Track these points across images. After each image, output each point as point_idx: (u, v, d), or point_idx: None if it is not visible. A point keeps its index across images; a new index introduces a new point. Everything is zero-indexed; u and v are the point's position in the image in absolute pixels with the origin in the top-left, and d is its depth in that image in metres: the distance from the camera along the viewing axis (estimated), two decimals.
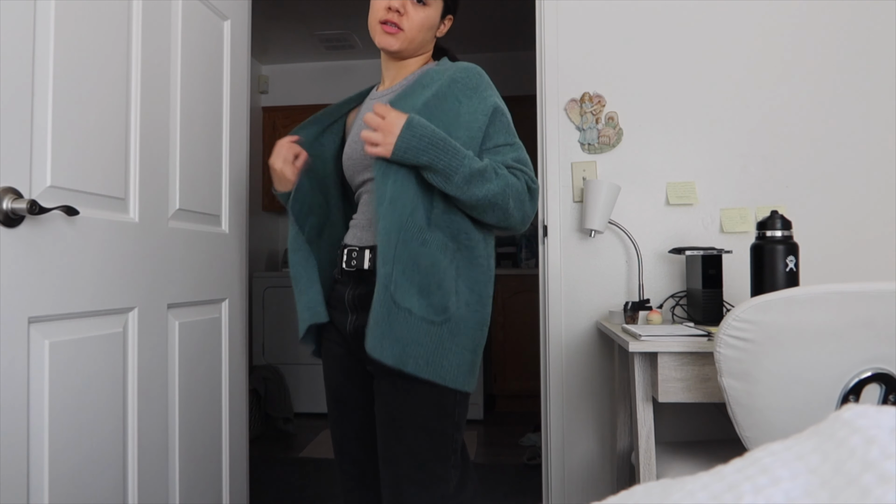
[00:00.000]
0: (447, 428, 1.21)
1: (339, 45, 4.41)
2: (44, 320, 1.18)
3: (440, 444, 1.20)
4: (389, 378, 1.21)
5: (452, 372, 1.17)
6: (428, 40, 1.33)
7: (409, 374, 1.15)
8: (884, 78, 2.01)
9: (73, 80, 1.25)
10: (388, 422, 1.20)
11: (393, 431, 1.20)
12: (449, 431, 1.21)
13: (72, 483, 1.24)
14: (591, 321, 2.08)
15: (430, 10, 1.28)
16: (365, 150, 1.17)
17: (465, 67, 1.26)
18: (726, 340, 1.20)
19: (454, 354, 1.18)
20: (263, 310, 4.04)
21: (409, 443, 1.19)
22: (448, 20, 1.35)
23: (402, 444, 1.18)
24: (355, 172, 1.33)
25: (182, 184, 1.65)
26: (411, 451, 1.18)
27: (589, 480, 2.08)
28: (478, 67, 1.27)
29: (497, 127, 1.24)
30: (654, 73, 2.08)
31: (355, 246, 1.30)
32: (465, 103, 1.22)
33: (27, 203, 1.09)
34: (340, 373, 1.35)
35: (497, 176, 1.17)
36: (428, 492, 1.18)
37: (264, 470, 2.99)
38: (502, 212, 1.18)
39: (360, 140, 1.29)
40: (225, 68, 1.90)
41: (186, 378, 1.67)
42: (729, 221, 2.04)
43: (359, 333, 1.26)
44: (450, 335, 1.17)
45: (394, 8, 1.25)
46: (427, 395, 1.19)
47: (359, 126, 1.35)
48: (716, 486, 0.37)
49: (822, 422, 0.40)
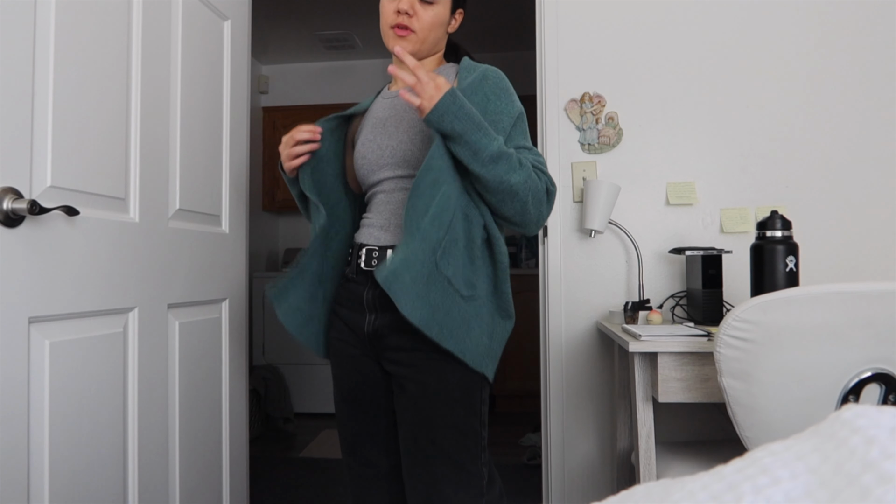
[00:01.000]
0: (475, 425, 1.22)
1: (339, 45, 4.41)
2: (44, 320, 1.18)
3: (472, 443, 1.21)
4: (414, 381, 1.21)
5: (472, 350, 1.18)
6: (440, 37, 1.33)
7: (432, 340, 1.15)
8: (884, 78, 2.01)
9: (74, 81, 1.25)
10: (418, 422, 1.20)
11: (424, 432, 1.20)
12: (477, 428, 1.22)
13: (72, 483, 1.24)
14: (591, 321, 2.08)
15: (438, 8, 1.28)
16: (405, 98, 1.13)
17: (496, 69, 1.28)
18: (726, 340, 1.20)
19: (476, 334, 1.19)
20: (263, 310, 4.04)
21: (441, 443, 1.19)
22: (459, 14, 1.35)
23: (435, 445, 1.19)
24: (370, 172, 1.31)
25: (182, 184, 1.65)
26: (445, 452, 1.19)
27: (589, 480, 2.08)
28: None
29: (518, 130, 1.25)
30: (654, 73, 2.08)
31: (374, 245, 1.28)
32: (493, 101, 1.23)
33: (27, 203, 1.09)
34: (355, 373, 1.32)
35: (521, 166, 1.18)
36: (465, 491, 1.19)
37: (264, 470, 2.99)
38: (521, 204, 1.19)
39: (377, 140, 1.30)
40: (225, 68, 1.90)
41: (187, 378, 1.67)
42: (729, 221, 2.04)
43: (378, 333, 1.26)
44: (474, 314, 1.19)
45: (402, 10, 1.25)
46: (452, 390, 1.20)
47: (373, 123, 1.34)
48: (716, 486, 0.37)
49: (822, 422, 0.40)
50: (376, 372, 1.30)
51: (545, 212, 1.24)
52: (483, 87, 1.23)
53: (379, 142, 1.30)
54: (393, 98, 1.35)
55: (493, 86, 1.24)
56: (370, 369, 1.31)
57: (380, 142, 1.30)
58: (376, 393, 1.31)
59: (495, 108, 1.23)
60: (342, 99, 4.69)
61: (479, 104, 1.21)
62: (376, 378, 1.31)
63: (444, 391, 1.19)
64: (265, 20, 3.95)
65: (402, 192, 1.28)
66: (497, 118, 1.22)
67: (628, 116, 2.09)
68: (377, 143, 1.30)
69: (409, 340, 1.22)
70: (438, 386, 1.19)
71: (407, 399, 1.22)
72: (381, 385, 1.31)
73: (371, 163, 1.30)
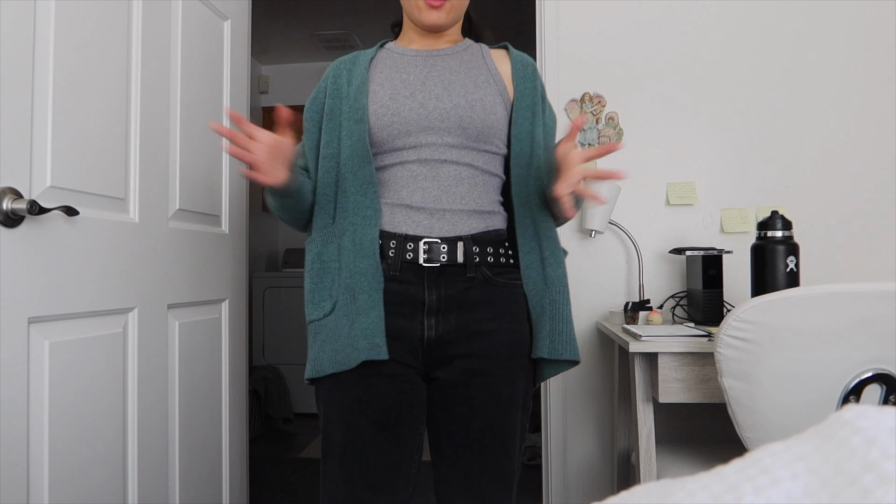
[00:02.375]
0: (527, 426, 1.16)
1: (339, 45, 4.41)
2: (44, 320, 1.18)
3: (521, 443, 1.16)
4: (486, 389, 1.09)
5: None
6: (465, 6, 1.22)
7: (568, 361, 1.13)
8: (884, 78, 2.01)
9: (74, 81, 1.25)
10: (489, 433, 1.09)
11: (498, 442, 1.09)
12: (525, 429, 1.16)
13: (72, 483, 1.24)
14: (592, 321, 2.08)
15: None
16: (591, 198, 0.97)
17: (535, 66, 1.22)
18: (727, 341, 1.20)
19: None
20: (263, 310, 4.04)
21: (513, 452, 1.11)
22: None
23: (508, 455, 1.11)
24: (401, 134, 1.10)
25: (182, 184, 1.65)
26: (512, 458, 1.12)
27: (589, 481, 2.07)
28: None
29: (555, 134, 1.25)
30: (655, 73, 2.08)
31: (435, 238, 1.09)
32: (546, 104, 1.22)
33: (27, 203, 1.09)
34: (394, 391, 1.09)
35: None
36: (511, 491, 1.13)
37: (264, 470, 2.98)
38: None
39: (415, 95, 1.11)
40: (225, 68, 1.90)
41: (186, 378, 1.67)
42: (729, 221, 2.04)
43: (443, 340, 1.09)
44: None
45: None
46: (518, 395, 1.12)
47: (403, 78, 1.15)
48: (716, 487, 0.37)
49: (823, 422, 0.40)
50: (419, 387, 1.12)
51: None
52: (536, 85, 1.19)
53: (421, 100, 1.11)
54: (427, 57, 1.18)
55: (542, 87, 1.21)
56: (413, 385, 1.10)
57: (424, 101, 1.11)
58: (417, 414, 1.11)
59: (550, 113, 1.23)
60: None
61: (541, 93, 1.19)
62: (418, 395, 1.11)
63: (513, 397, 1.11)
64: (265, 20, 3.95)
65: (453, 166, 1.10)
66: (551, 123, 1.23)
67: (628, 116, 2.09)
68: (418, 101, 1.11)
69: (481, 345, 1.09)
70: (511, 392, 1.10)
71: (470, 410, 1.09)
72: (422, 402, 1.13)
73: (409, 122, 1.10)
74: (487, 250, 1.11)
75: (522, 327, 1.14)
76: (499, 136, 1.13)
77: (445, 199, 1.10)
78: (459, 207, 1.11)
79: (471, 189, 1.11)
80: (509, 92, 1.17)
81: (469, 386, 1.09)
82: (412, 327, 1.09)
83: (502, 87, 1.16)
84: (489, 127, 1.11)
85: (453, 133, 1.10)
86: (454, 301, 1.09)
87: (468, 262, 1.10)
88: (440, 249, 1.09)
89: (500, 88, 1.15)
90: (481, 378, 1.09)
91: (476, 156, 1.12)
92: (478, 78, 1.15)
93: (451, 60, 1.18)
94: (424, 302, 1.09)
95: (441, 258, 1.08)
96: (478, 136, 1.11)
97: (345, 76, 1.17)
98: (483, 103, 1.12)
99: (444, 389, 1.11)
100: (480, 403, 1.09)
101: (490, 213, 1.14)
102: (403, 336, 1.09)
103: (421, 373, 1.12)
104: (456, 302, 1.09)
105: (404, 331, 1.09)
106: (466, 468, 1.10)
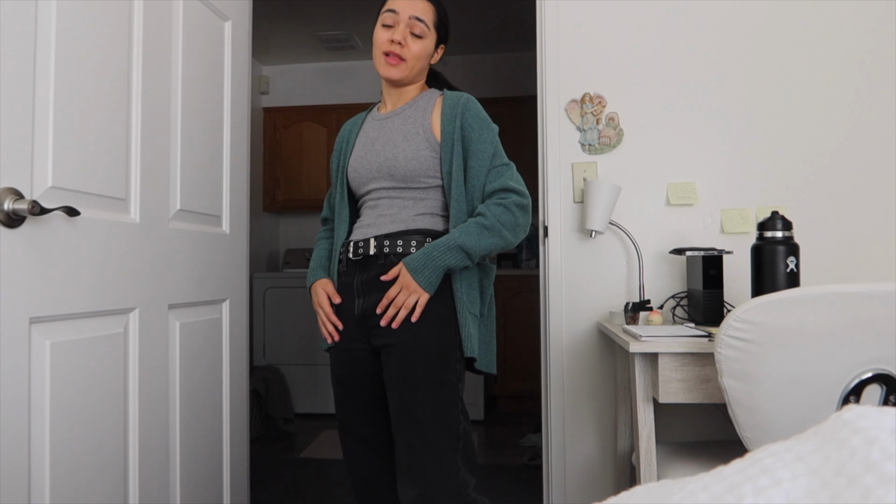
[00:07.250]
0: (451, 378, 1.38)
1: (339, 46, 4.41)
2: (45, 321, 1.18)
3: (448, 393, 1.37)
4: (397, 345, 1.37)
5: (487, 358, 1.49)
6: (424, 67, 1.52)
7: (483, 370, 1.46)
8: (884, 78, 2.01)
9: (75, 81, 1.25)
10: (401, 378, 1.36)
11: (406, 384, 1.36)
12: (453, 381, 1.38)
13: (73, 483, 1.24)
14: (592, 322, 2.08)
15: (426, 42, 1.48)
16: (395, 324, 1.37)
17: (471, 98, 1.47)
18: (727, 341, 1.20)
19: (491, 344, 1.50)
20: (264, 310, 4.04)
21: (423, 394, 1.35)
22: (441, 49, 1.55)
23: (417, 395, 1.35)
24: (361, 184, 1.50)
25: (183, 184, 1.65)
26: (426, 401, 1.35)
27: (589, 481, 2.08)
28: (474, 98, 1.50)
29: (497, 152, 1.45)
30: (655, 73, 2.08)
31: (359, 239, 1.46)
32: (476, 131, 1.42)
33: (28, 204, 1.09)
34: (345, 353, 1.48)
35: (489, 230, 1.37)
36: (444, 435, 1.34)
37: (265, 470, 2.99)
38: (505, 243, 1.41)
39: (367, 157, 1.49)
40: (226, 69, 1.90)
41: (187, 378, 1.67)
42: (729, 222, 2.04)
43: (366, 314, 1.42)
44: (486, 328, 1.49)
45: (396, 41, 1.43)
46: (429, 347, 1.37)
47: (364, 142, 1.52)
48: (717, 487, 0.37)
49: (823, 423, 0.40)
50: (364, 351, 1.45)
51: (524, 223, 1.42)
52: (466, 118, 1.43)
53: (369, 158, 1.48)
54: (382, 120, 1.53)
55: (474, 116, 1.43)
56: (358, 348, 1.46)
57: (369, 158, 1.48)
58: (363, 373, 1.46)
59: (479, 138, 1.42)
60: (342, 99, 4.69)
61: (459, 130, 1.42)
62: (364, 357, 1.46)
63: (422, 349, 1.36)
64: (266, 21, 3.95)
65: (387, 199, 1.46)
66: (481, 147, 1.42)
67: (629, 117, 2.09)
68: (367, 160, 1.48)
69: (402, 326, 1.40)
70: (417, 345, 1.36)
71: (393, 363, 1.38)
72: (369, 363, 1.45)
73: (362, 175, 1.49)
74: (397, 242, 1.41)
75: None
76: (426, 174, 1.42)
77: (379, 219, 1.46)
78: (388, 221, 1.44)
79: (399, 211, 1.44)
80: (436, 136, 1.43)
81: (390, 345, 1.39)
82: (349, 307, 1.46)
83: (429, 134, 1.44)
84: (412, 171, 1.41)
85: (386, 178, 1.45)
86: (371, 283, 1.42)
87: (378, 252, 1.42)
88: (360, 246, 1.45)
89: (426, 136, 1.43)
90: (392, 337, 1.39)
91: (407, 192, 1.44)
92: (408, 132, 1.45)
93: (397, 120, 1.49)
94: (354, 287, 1.45)
95: (359, 252, 1.44)
96: (404, 178, 1.43)
97: (345, 137, 1.61)
98: (406, 154, 1.42)
99: (380, 352, 1.43)
100: (396, 357, 1.38)
101: (411, 221, 1.43)
102: (345, 314, 1.46)
103: (363, 340, 1.44)
104: (373, 283, 1.41)
105: (346, 310, 1.46)
106: (394, 413, 1.39)
